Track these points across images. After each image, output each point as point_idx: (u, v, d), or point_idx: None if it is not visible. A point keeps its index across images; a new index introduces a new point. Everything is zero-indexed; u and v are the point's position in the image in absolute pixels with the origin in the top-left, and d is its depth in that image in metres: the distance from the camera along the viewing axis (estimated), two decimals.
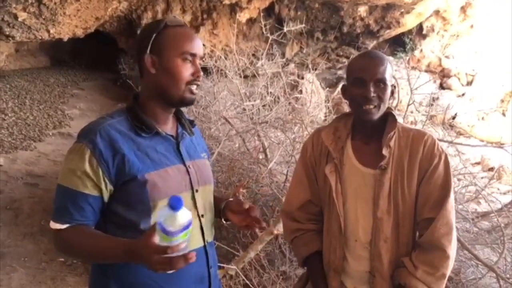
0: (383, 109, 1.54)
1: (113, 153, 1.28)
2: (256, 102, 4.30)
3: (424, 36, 10.61)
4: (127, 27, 8.06)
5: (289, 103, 4.44)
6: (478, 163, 7.64)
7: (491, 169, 7.09)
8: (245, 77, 5.40)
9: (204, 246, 1.43)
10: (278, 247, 3.56)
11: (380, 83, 1.50)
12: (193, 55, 1.36)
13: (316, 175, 1.67)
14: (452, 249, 1.48)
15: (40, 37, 6.70)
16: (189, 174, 1.41)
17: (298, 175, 1.75)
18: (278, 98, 4.54)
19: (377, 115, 1.53)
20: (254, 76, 5.00)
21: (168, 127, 1.44)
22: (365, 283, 1.55)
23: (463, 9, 10.44)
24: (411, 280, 1.46)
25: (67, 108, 7.86)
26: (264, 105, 4.41)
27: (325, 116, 5.29)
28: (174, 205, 1.06)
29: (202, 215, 1.43)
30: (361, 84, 1.52)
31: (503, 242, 2.92)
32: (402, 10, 9.15)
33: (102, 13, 6.97)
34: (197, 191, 1.42)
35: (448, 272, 1.49)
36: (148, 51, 1.35)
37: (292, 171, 3.68)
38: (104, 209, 1.33)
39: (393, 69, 1.58)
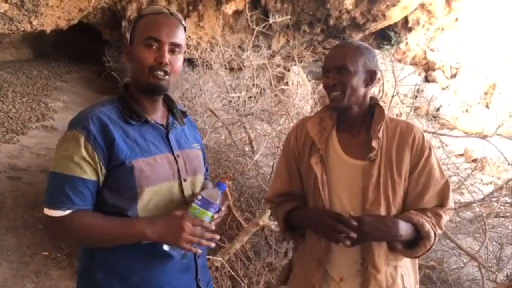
0: (351, 95, 1.54)
1: (105, 138, 1.30)
2: (242, 94, 4.29)
3: (409, 29, 10.67)
4: (112, 19, 7.96)
5: (275, 95, 4.43)
6: (461, 155, 7.74)
7: (475, 160, 7.19)
8: (231, 69, 5.38)
9: None
10: (264, 239, 3.57)
11: (341, 69, 1.52)
12: (158, 41, 1.35)
13: (299, 166, 1.66)
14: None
15: (22, 29, 6.58)
16: (177, 163, 1.42)
17: (279, 166, 1.76)
18: (264, 90, 4.53)
19: (344, 101, 1.54)
20: (240, 68, 4.98)
21: (158, 116, 1.46)
22: (353, 274, 1.54)
23: (448, 2, 10.51)
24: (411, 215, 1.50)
25: (50, 101, 7.76)
26: (250, 97, 4.39)
27: (311, 108, 5.30)
28: (220, 185, 1.38)
29: None
30: (326, 73, 1.57)
31: (484, 232, 2.96)
32: (388, 3, 9.18)
33: (85, 4, 6.87)
34: (185, 180, 1.43)
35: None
36: (128, 43, 1.42)
37: None
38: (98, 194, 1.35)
39: (371, 58, 1.57)
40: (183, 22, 1.44)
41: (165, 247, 1.33)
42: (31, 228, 4.04)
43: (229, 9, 8.05)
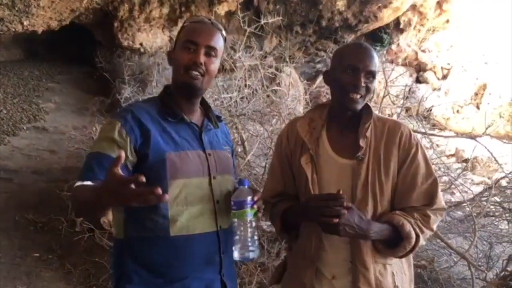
0: (366, 101, 1.57)
1: (141, 128, 1.42)
2: (234, 94, 4.30)
3: (401, 31, 10.73)
4: (104, 20, 7.91)
5: (267, 95, 4.45)
6: (452, 155, 7.80)
7: (465, 160, 7.24)
8: (223, 70, 5.37)
9: (217, 232, 1.51)
10: None
11: (370, 75, 1.53)
12: (195, 44, 1.47)
13: (292, 166, 1.68)
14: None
15: (13, 29, 6.52)
16: (208, 161, 1.51)
17: (273, 166, 1.78)
18: (256, 90, 4.54)
19: (361, 105, 1.56)
20: (232, 69, 4.99)
21: (195, 117, 1.58)
22: (345, 272, 1.56)
23: (439, 3, 10.59)
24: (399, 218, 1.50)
25: (42, 102, 7.69)
26: (242, 98, 4.40)
27: (304, 109, 5.32)
28: (243, 182, 1.46)
29: (218, 201, 1.52)
30: (353, 72, 1.53)
31: (474, 231, 3.00)
32: (380, 5, 9.24)
33: (77, 5, 6.83)
34: (214, 177, 1.52)
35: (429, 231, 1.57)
36: (173, 49, 1.56)
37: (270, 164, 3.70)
38: None
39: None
40: (223, 32, 1.57)
41: (235, 257, 1.47)
42: (22, 230, 4.02)
43: (221, 10, 8.05)
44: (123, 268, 1.47)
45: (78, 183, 1.35)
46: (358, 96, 1.52)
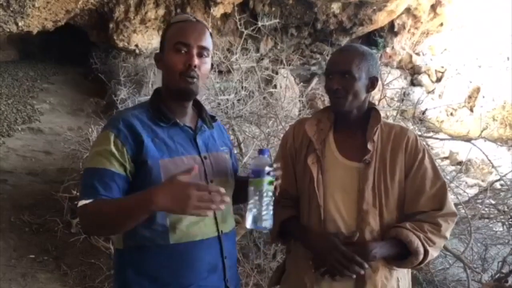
0: (353, 100, 1.56)
1: (134, 137, 1.37)
2: (231, 96, 4.31)
3: (395, 34, 10.79)
4: (99, 21, 7.90)
5: (264, 97, 4.47)
6: (447, 158, 7.84)
7: (459, 163, 7.29)
8: (220, 72, 5.40)
9: (218, 237, 1.47)
10: (252, 241, 3.59)
11: (345, 74, 1.53)
12: (187, 45, 1.40)
13: (295, 166, 1.68)
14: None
15: (8, 30, 6.49)
16: (204, 165, 1.46)
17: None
18: (253, 92, 4.55)
19: (345, 106, 1.56)
20: (228, 71, 5.00)
21: (187, 119, 1.52)
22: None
23: (433, 7, 10.66)
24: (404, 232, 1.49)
25: (36, 103, 7.68)
26: (238, 100, 4.42)
27: (299, 111, 5.35)
28: (263, 151, 1.41)
29: None
30: (328, 76, 1.59)
31: (469, 233, 3.02)
32: (374, 8, 9.29)
33: (72, 6, 6.81)
34: (211, 181, 1.47)
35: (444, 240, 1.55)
36: (160, 51, 1.50)
37: None
38: (127, 192, 1.37)
39: (374, 64, 1.58)
40: (209, 29, 1.51)
41: (248, 225, 1.41)
42: (17, 231, 4.00)
43: (217, 12, 8.06)
44: (124, 279, 1.43)
45: (84, 202, 1.30)
46: (338, 99, 1.56)
